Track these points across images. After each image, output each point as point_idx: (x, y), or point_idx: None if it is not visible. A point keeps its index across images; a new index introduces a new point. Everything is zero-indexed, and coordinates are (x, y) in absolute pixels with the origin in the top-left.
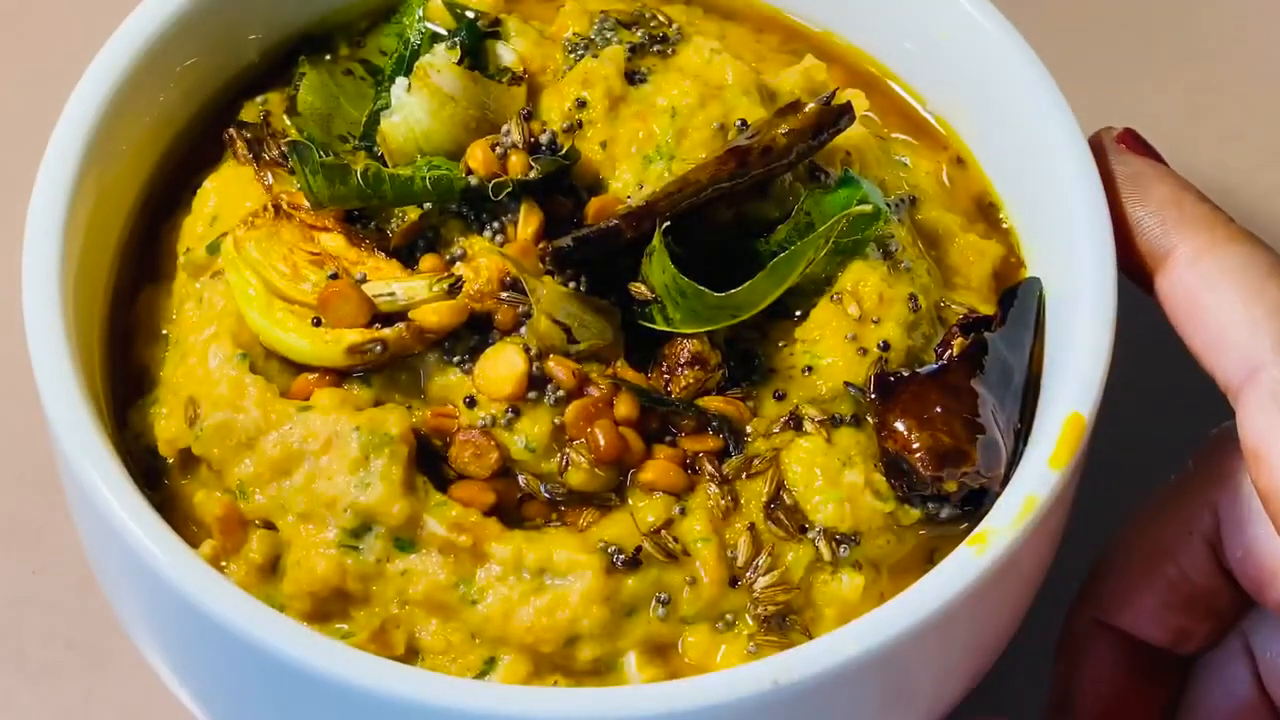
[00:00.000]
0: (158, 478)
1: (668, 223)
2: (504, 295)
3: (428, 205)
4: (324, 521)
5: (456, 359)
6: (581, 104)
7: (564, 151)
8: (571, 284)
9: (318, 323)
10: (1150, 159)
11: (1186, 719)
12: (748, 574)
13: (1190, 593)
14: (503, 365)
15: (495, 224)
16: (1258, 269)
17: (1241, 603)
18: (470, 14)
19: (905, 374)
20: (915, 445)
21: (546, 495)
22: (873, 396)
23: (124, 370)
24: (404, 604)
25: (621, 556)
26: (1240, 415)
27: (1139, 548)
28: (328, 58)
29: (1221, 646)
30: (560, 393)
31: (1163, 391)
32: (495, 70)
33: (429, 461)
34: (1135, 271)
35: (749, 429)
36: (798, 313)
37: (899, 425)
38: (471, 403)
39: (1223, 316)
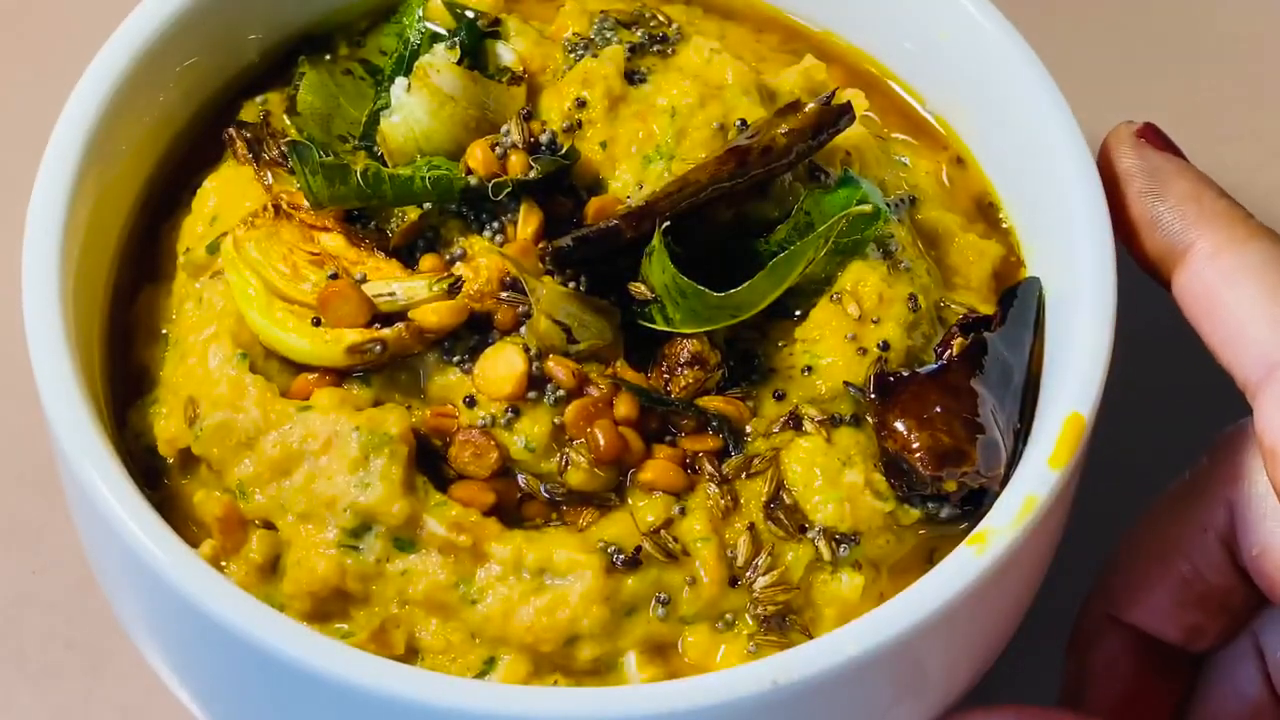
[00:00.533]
0: (158, 478)
1: (668, 223)
2: (504, 295)
3: (428, 205)
4: (324, 521)
5: (456, 359)
6: (581, 104)
7: (564, 151)
8: (571, 284)
9: (317, 323)
10: (1170, 154)
11: (1195, 717)
12: (747, 574)
13: (1204, 590)
14: (502, 365)
15: (495, 224)
16: (1278, 265)
17: (1255, 600)
18: (470, 14)
19: (905, 374)
20: (915, 445)
21: (546, 495)
22: (872, 396)
23: (124, 370)
24: (404, 604)
25: (621, 556)
26: (1257, 412)
27: (1153, 544)
28: (328, 58)
29: (1232, 646)
30: (560, 393)
31: (1163, 391)
32: (495, 70)
33: (429, 461)
34: (1153, 266)
35: (749, 429)
36: (798, 313)
37: (899, 425)
38: (471, 402)
39: (1241, 313)
